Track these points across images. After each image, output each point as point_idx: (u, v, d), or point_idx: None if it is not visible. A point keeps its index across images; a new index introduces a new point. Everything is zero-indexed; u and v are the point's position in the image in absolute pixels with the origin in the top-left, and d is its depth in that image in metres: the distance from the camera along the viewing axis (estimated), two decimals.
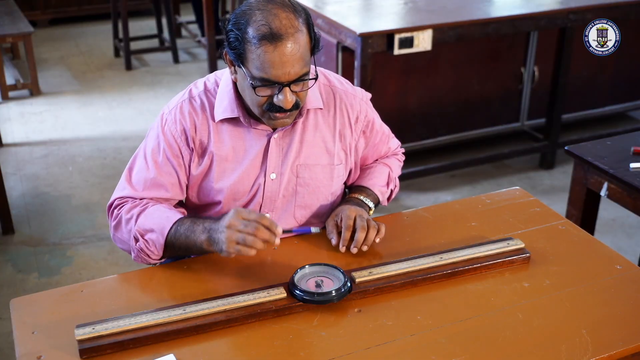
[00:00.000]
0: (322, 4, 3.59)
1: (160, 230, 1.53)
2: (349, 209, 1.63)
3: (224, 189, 1.63)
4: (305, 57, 1.46)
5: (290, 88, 1.46)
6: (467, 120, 3.98)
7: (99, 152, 4.15)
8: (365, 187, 1.78)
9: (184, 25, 6.20)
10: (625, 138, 2.33)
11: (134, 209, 1.58)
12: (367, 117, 1.73)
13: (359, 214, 1.61)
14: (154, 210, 1.57)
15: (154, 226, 1.53)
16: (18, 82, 4.97)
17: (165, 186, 1.62)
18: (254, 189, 1.65)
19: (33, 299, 1.47)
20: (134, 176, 1.63)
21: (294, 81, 1.46)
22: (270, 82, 1.45)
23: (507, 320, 1.39)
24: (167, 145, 1.61)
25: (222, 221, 1.47)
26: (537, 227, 1.71)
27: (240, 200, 1.65)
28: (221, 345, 1.34)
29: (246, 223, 1.43)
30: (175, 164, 1.62)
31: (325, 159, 1.68)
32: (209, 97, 1.62)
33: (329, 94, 1.68)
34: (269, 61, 1.42)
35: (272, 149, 1.62)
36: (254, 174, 1.64)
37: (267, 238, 1.42)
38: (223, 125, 1.61)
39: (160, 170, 1.61)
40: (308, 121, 1.65)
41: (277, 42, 1.41)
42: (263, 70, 1.43)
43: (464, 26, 3.29)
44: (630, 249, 3.17)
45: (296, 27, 1.43)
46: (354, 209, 1.63)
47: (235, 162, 1.63)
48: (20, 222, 3.42)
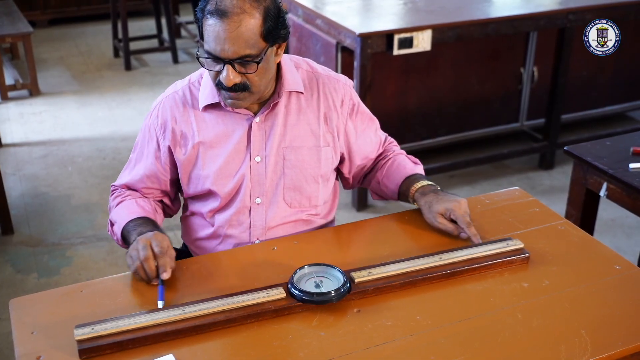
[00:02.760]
0: (322, 4, 3.59)
1: (120, 224, 1.67)
2: (453, 207, 1.64)
3: (210, 175, 1.69)
4: (249, 40, 1.51)
5: (235, 67, 1.53)
6: (467, 121, 3.98)
7: (98, 153, 4.15)
8: (412, 176, 1.80)
9: (183, 25, 6.20)
10: (624, 138, 2.33)
11: (115, 199, 1.74)
12: (352, 99, 1.77)
13: (465, 210, 1.64)
14: (125, 204, 1.70)
15: (118, 219, 1.68)
16: (17, 83, 4.97)
17: (140, 175, 1.74)
18: (240, 173, 1.69)
19: (32, 299, 1.47)
20: (129, 165, 1.78)
21: (235, 59, 1.52)
22: (212, 57, 1.53)
23: (507, 320, 1.39)
24: (149, 138, 1.72)
25: (141, 235, 1.55)
26: (536, 228, 1.71)
27: (228, 186, 1.69)
28: (220, 345, 1.34)
29: (145, 248, 1.49)
30: (153, 157, 1.72)
31: (311, 140, 1.71)
32: (192, 89, 1.71)
33: (312, 80, 1.73)
34: (211, 34, 1.51)
35: (255, 132, 1.68)
36: (239, 158, 1.68)
37: (148, 271, 1.48)
38: (206, 113, 1.68)
39: (141, 162, 1.74)
40: (291, 105, 1.70)
41: (221, 18, 1.49)
42: (207, 43, 1.52)
43: (463, 26, 3.30)
44: (629, 249, 3.17)
45: (244, 9, 1.50)
46: (455, 204, 1.65)
47: (220, 147, 1.68)
48: (20, 223, 3.42)
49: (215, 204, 1.72)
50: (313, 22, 3.51)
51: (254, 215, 1.71)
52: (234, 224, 1.72)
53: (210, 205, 1.73)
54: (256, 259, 1.59)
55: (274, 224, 1.73)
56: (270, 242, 1.69)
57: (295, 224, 1.76)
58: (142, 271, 1.49)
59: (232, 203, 1.71)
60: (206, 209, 1.74)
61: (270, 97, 1.66)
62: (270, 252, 1.62)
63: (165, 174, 1.73)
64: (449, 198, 1.67)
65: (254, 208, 1.71)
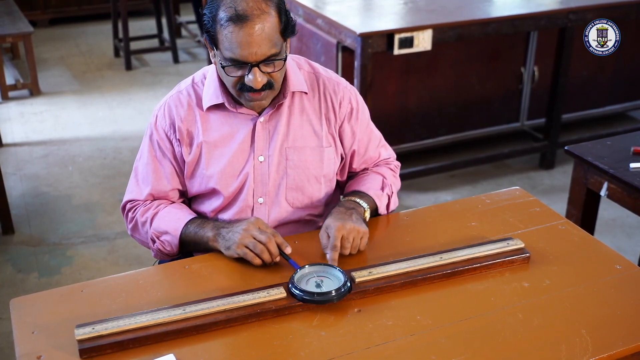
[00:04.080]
0: (322, 4, 3.59)
1: (174, 231, 1.65)
2: (337, 227, 1.57)
3: (214, 175, 1.69)
4: (272, 38, 1.51)
5: (260, 68, 1.53)
6: (467, 120, 3.98)
7: (99, 152, 4.15)
8: (358, 190, 1.76)
9: (184, 25, 6.20)
10: (625, 138, 2.33)
11: (147, 213, 1.70)
12: (350, 103, 1.75)
13: (346, 235, 1.56)
14: (166, 213, 1.68)
15: (168, 228, 1.66)
16: (18, 82, 4.97)
17: (166, 178, 1.71)
18: (243, 172, 1.69)
19: (33, 299, 1.48)
20: (139, 175, 1.74)
21: (263, 61, 1.52)
22: (238, 62, 1.52)
23: (507, 320, 1.39)
24: (159, 139, 1.71)
25: (240, 223, 1.57)
26: (537, 227, 1.71)
27: (232, 186, 1.69)
28: (221, 345, 1.34)
29: (261, 232, 1.53)
30: (170, 156, 1.71)
31: (314, 141, 1.71)
32: (196, 89, 1.70)
33: (313, 81, 1.73)
34: (236, 41, 1.49)
35: (259, 133, 1.68)
36: (242, 158, 1.69)
37: (274, 252, 1.52)
38: (211, 114, 1.68)
39: (158, 163, 1.71)
40: (294, 105, 1.70)
41: (242, 23, 1.48)
42: (231, 50, 1.50)
43: (464, 26, 3.29)
44: (630, 249, 3.17)
45: (262, 9, 1.49)
46: (341, 225, 1.57)
47: (224, 147, 1.68)
48: (20, 222, 3.42)
49: (217, 204, 1.72)
50: (314, 22, 3.51)
51: (257, 215, 1.71)
52: None
53: (213, 205, 1.73)
54: None
55: (276, 224, 1.73)
56: None
57: (297, 224, 1.76)
58: (267, 253, 1.51)
59: (234, 203, 1.71)
60: (209, 209, 1.74)
61: (275, 97, 1.66)
62: None
63: (183, 172, 1.72)
64: (344, 218, 1.59)
65: (256, 208, 1.71)
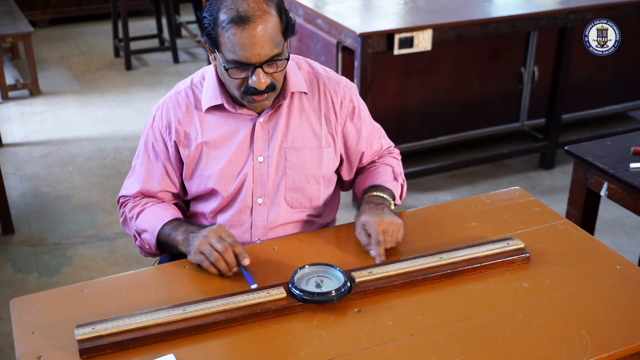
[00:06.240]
0: (322, 4, 3.59)
1: (152, 230, 1.66)
2: (376, 222, 1.58)
3: (213, 175, 1.69)
4: (275, 39, 1.51)
5: (263, 69, 1.52)
6: (467, 120, 3.98)
7: (98, 152, 4.15)
8: (377, 185, 1.76)
9: (184, 25, 6.20)
10: (625, 138, 2.33)
11: (134, 209, 1.71)
12: (352, 102, 1.75)
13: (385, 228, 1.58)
14: (151, 211, 1.69)
15: (148, 227, 1.67)
16: (18, 82, 4.97)
17: (156, 179, 1.72)
18: (242, 173, 1.69)
19: (33, 299, 1.48)
20: (134, 172, 1.75)
21: (266, 62, 1.51)
22: (242, 64, 1.51)
23: (507, 320, 1.39)
24: (154, 140, 1.71)
25: (204, 229, 1.56)
26: (537, 227, 1.71)
27: (231, 186, 1.69)
28: (221, 345, 1.34)
29: (219, 240, 1.51)
30: (163, 158, 1.71)
31: (313, 141, 1.71)
32: (195, 90, 1.70)
33: (312, 80, 1.72)
34: (238, 43, 1.48)
35: (258, 133, 1.67)
36: (242, 158, 1.68)
37: (230, 262, 1.50)
38: (210, 115, 1.68)
39: (151, 164, 1.72)
40: (293, 105, 1.70)
41: (245, 25, 1.47)
42: (234, 52, 1.50)
43: (464, 26, 3.29)
44: (630, 249, 3.17)
45: (264, 9, 1.49)
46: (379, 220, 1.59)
47: (223, 147, 1.68)
48: (20, 222, 3.42)
49: (216, 204, 1.72)
50: (314, 22, 3.51)
51: (256, 215, 1.71)
52: (236, 224, 1.72)
53: (212, 206, 1.73)
54: (257, 259, 1.58)
55: (276, 224, 1.73)
56: (271, 241, 1.69)
57: (297, 225, 1.76)
58: (223, 263, 1.49)
59: (233, 203, 1.71)
60: (208, 209, 1.74)
61: (275, 98, 1.65)
62: (271, 252, 1.62)
63: (176, 173, 1.73)
64: (379, 213, 1.61)
65: (255, 208, 1.71)
